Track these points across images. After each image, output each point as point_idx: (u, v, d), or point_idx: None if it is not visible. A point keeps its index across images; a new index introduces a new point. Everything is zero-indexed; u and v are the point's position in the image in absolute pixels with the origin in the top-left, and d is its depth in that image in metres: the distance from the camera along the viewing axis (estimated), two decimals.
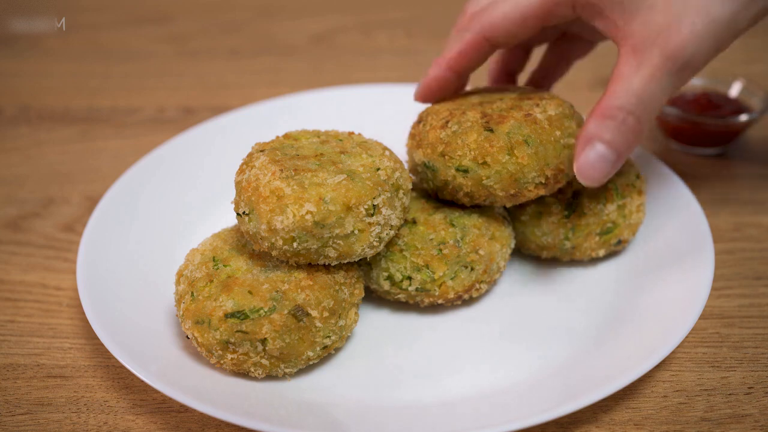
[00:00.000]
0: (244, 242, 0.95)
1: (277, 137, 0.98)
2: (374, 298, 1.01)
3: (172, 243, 1.08)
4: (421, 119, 1.03)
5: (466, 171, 0.95)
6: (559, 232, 1.02)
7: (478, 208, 1.01)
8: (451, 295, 0.97)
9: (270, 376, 0.90)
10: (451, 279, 0.96)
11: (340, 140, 0.97)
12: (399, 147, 1.02)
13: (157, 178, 1.16)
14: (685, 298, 0.94)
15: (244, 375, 0.90)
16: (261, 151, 0.94)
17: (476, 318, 1.00)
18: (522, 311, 1.01)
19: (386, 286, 0.97)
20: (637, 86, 0.86)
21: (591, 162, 0.86)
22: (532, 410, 0.82)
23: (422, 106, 1.10)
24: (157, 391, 0.86)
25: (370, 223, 0.89)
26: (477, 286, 0.98)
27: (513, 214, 1.05)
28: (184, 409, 0.88)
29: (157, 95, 1.55)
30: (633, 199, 1.04)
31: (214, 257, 0.93)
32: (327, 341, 0.90)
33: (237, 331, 0.86)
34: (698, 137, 1.31)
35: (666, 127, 1.34)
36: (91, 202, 1.22)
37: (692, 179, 1.24)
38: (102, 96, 1.55)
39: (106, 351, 0.90)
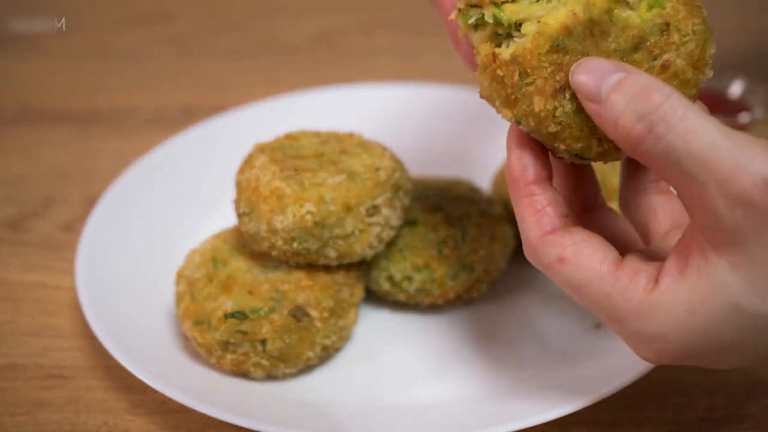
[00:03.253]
0: (244, 242, 0.95)
1: (278, 137, 0.98)
2: (374, 298, 1.01)
3: (172, 243, 1.08)
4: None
5: None
6: None
7: (479, 208, 1.01)
8: (451, 295, 0.97)
9: (270, 377, 0.90)
10: (451, 279, 0.96)
11: (340, 140, 0.97)
12: (399, 147, 1.01)
13: (157, 178, 1.16)
14: None
15: (244, 375, 0.90)
16: (261, 151, 0.94)
17: (476, 318, 1.00)
18: (522, 311, 1.00)
19: (386, 286, 0.97)
20: None
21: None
22: (532, 410, 0.82)
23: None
24: (156, 392, 0.85)
25: (370, 224, 0.89)
26: (477, 286, 0.98)
27: (513, 214, 1.05)
28: (184, 409, 0.88)
29: (157, 95, 1.55)
30: None
31: (213, 257, 0.93)
32: (327, 341, 0.90)
33: (237, 332, 0.86)
34: None
35: None
36: (91, 202, 1.21)
37: None
38: (102, 96, 1.54)
39: (106, 351, 0.90)
